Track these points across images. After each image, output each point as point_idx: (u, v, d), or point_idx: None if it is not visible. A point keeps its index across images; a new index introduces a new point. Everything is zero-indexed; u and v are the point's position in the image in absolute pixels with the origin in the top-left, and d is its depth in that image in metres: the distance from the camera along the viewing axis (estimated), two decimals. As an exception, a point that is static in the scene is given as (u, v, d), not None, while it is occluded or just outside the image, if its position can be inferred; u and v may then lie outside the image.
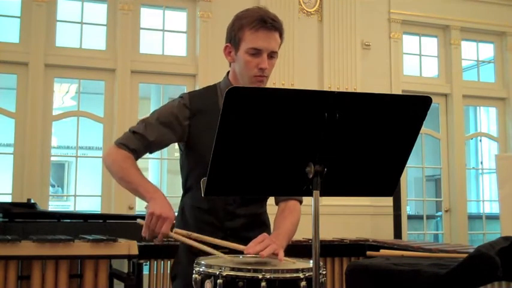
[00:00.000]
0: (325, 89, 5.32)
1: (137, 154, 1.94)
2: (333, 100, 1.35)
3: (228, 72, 2.02)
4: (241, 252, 1.71)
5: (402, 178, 5.38)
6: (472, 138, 7.42)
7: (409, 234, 6.14)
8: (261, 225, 1.99)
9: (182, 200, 2.05)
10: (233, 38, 1.92)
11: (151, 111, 2.05)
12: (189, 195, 2.02)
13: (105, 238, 3.04)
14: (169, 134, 1.94)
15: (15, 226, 3.80)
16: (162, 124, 1.94)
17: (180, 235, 1.81)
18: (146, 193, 1.82)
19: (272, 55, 1.90)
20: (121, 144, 1.92)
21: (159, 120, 1.94)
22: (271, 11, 1.94)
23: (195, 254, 1.70)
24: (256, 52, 1.87)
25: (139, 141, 1.92)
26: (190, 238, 1.81)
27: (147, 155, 2.06)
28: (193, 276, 1.53)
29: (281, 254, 1.66)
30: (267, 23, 1.86)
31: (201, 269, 1.52)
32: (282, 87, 5.12)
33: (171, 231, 1.77)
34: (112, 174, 1.94)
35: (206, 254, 1.73)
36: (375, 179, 1.51)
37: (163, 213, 1.73)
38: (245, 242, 1.74)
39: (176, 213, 1.97)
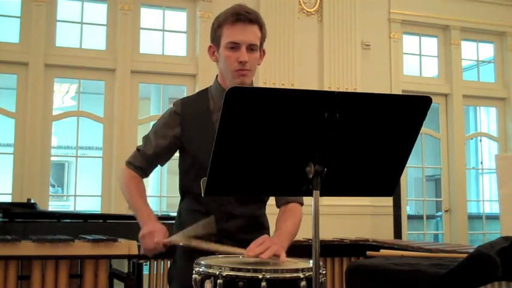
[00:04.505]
0: (325, 89, 5.31)
1: (143, 171, 2.05)
2: (333, 100, 1.35)
3: (218, 75, 2.04)
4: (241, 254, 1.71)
5: (402, 178, 5.38)
6: (472, 138, 7.42)
7: (409, 234, 6.13)
8: (259, 227, 1.97)
9: (179, 206, 2.08)
10: (214, 37, 1.95)
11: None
12: (185, 200, 2.04)
13: (105, 238, 3.03)
14: (166, 143, 2.01)
15: (15, 226, 3.80)
16: (158, 135, 2.02)
17: (176, 240, 1.85)
18: (141, 218, 1.94)
19: (252, 48, 1.89)
20: (128, 163, 2.05)
21: (156, 132, 2.03)
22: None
23: (192, 257, 1.68)
24: (234, 46, 1.88)
25: (143, 158, 2.03)
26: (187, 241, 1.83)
27: None
28: (193, 276, 1.52)
29: (283, 255, 1.64)
30: (241, 15, 1.88)
31: (200, 269, 1.51)
32: (282, 87, 5.12)
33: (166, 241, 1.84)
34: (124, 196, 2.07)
35: (202, 254, 1.71)
36: (375, 179, 1.51)
37: (151, 229, 1.85)
38: (241, 244, 1.73)
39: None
